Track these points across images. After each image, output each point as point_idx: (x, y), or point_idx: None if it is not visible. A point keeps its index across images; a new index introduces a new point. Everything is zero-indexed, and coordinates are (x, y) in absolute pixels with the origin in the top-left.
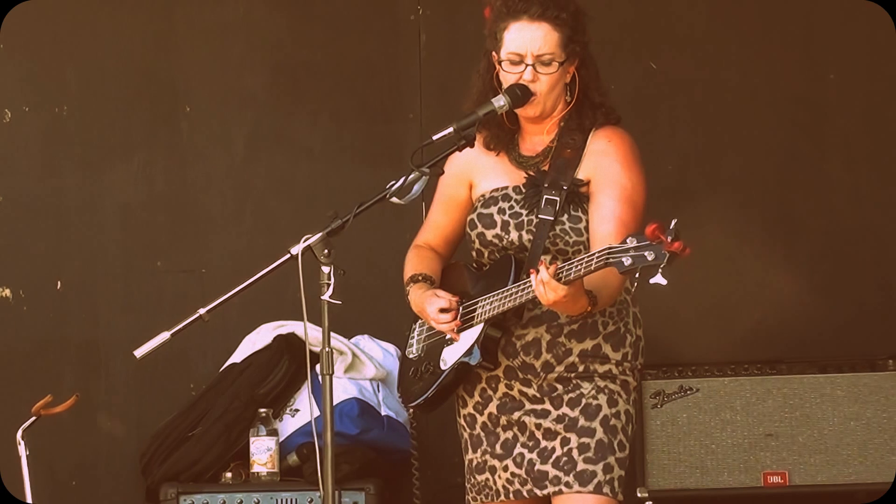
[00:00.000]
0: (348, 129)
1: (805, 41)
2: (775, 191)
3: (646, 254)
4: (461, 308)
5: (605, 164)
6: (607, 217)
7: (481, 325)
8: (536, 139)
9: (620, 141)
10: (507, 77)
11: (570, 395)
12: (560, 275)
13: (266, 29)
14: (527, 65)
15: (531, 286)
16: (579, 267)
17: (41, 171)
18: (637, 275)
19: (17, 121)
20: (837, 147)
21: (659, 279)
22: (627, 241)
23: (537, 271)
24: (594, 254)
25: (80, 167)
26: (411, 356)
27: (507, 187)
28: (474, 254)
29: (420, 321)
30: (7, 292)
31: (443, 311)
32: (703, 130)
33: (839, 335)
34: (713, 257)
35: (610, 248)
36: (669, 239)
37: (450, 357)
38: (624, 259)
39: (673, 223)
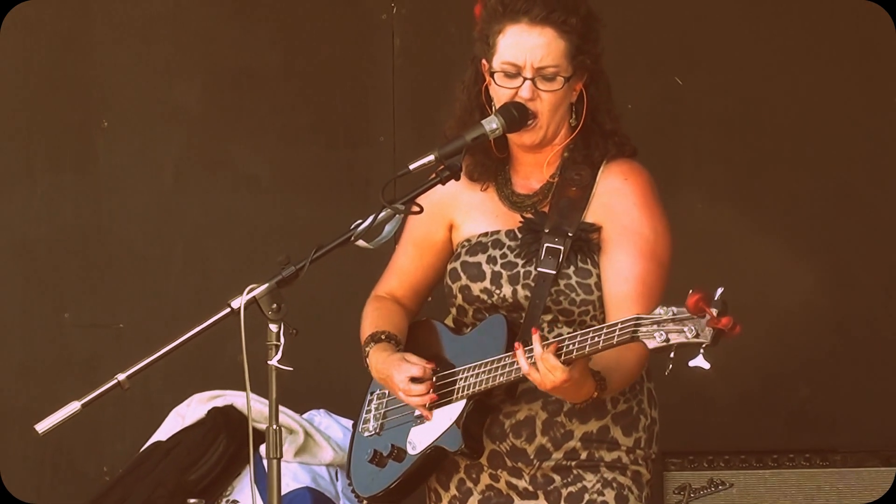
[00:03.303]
0: (302, 154)
1: (861, 55)
2: (826, 237)
3: (685, 329)
4: (434, 378)
5: (620, 208)
6: (625, 275)
7: (463, 401)
8: (533, 173)
9: (637, 179)
10: (500, 92)
11: (570, 489)
12: (562, 350)
13: (201, 26)
14: (525, 78)
15: (532, 356)
16: (596, 339)
17: None
18: (672, 354)
19: None
20: None
21: (700, 362)
22: (660, 311)
23: (523, 345)
24: (616, 324)
25: None
26: (367, 434)
27: (498, 231)
28: (455, 311)
29: (379, 390)
30: None
31: (415, 380)
32: (738, 162)
33: None
34: (750, 320)
35: (638, 318)
36: (716, 312)
37: (419, 439)
38: (656, 334)
39: (719, 292)
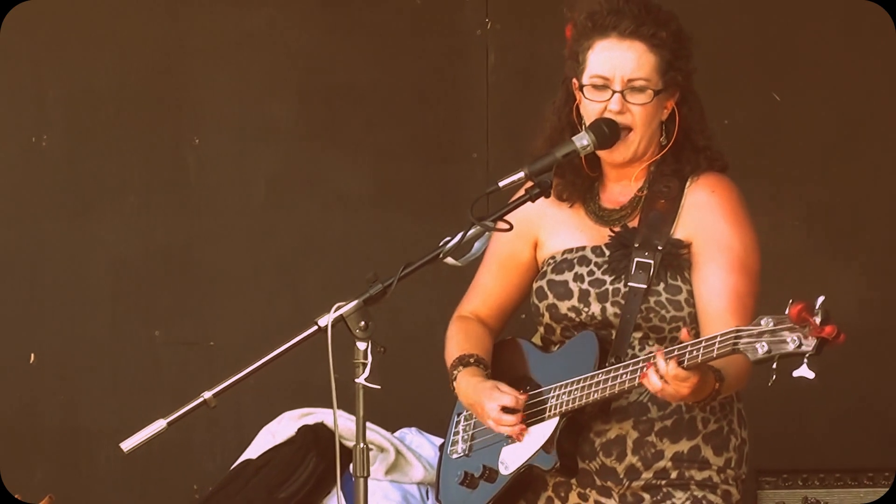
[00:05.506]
0: (394, 170)
1: None
2: None
3: (788, 339)
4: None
5: (709, 221)
6: (718, 290)
7: (555, 419)
8: (620, 187)
9: (726, 192)
10: (590, 106)
11: None
12: (682, 360)
13: (295, 43)
14: (614, 91)
15: (628, 375)
16: (695, 353)
17: (12, 215)
18: (775, 365)
19: None
20: None
21: (805, 372)
22: (762, 322)
23: (654, 365)
24: (716, 337)
25: (60, 212)
26: (456, 456)
27: (584, 247)
28: (542, 329)
29: (465, 412)
30: None
31: (506, 409)
32: (835, 178)
33: None
34: (851, 338)
35: (738, 330)
36: (818, 321)
37: (512, 459)
38: (758, 345)
39: (820, 301)
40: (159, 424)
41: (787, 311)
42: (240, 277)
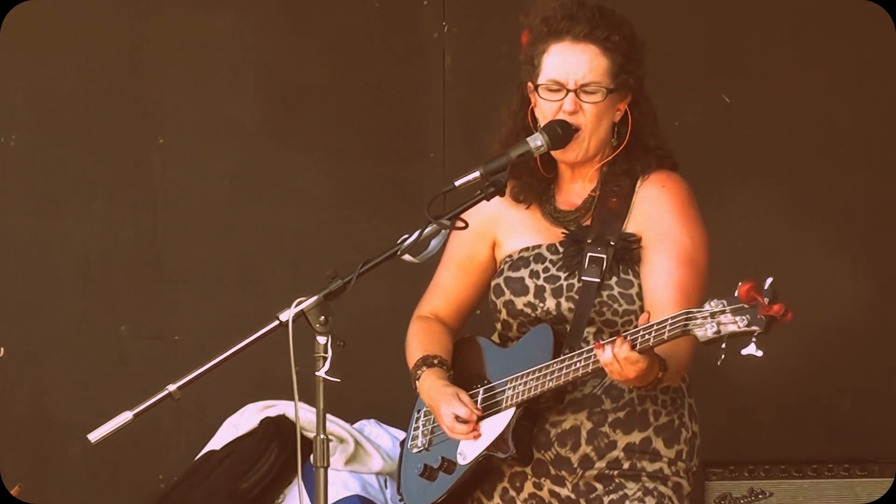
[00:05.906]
0: (354, 170)
1: None
2: (868, 253)
3: (737, 319)
4: (482, 391)
5: (658, 215)
6: (664, 282)
7: (512, 409)
8: (575, 189)
9: (675, 187)
10: (545, 107)
11: (612, 496)
12: (634, 343)
13: (257, 45)
14: (568, 90)
15: (582, 362)
16: (647, 336)
17: None
18: (724, 345)
19: None
20: None
21: (752, 350)
22: (712, 303)
23: (603, 347)
24: (667, 320)
25: (28, 210)
26: (416, 451)
27: (539, 246)
28: (499, 326)
29: (426, 408)
30: None
31: (460, 419)
32: (788, 181)
33: None
34: (792, 334)
35: (689, 312)
36: (767, 300)
37: (469, 450)
38: (708, 326)
39: (769, 281)
40: (125, 416)
41: (736, 292)
42: (204, 274)
